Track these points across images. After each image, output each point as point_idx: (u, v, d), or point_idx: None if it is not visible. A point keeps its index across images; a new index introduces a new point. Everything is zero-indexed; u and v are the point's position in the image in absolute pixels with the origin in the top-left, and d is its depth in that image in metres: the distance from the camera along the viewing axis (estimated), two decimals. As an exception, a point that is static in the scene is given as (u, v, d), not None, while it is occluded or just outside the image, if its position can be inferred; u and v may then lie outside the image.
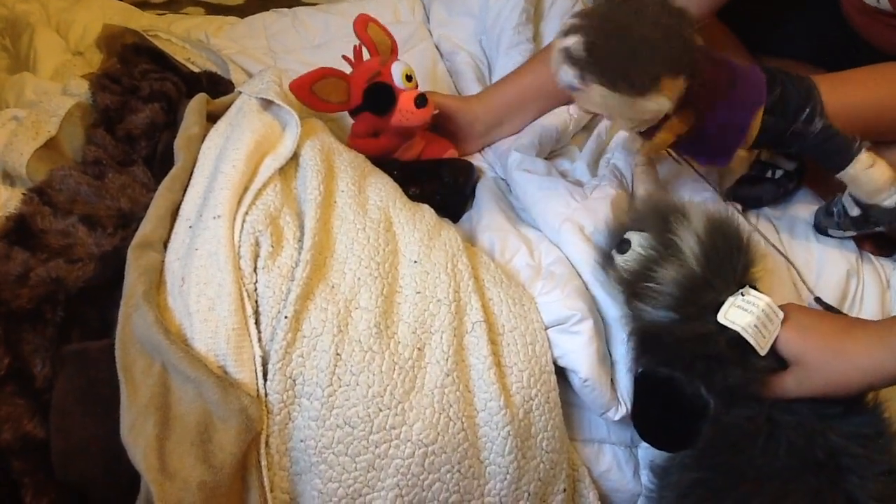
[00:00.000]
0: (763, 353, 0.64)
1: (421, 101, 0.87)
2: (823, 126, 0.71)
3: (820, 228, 0.84)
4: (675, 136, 0.72)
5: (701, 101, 0.70)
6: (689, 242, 0.65)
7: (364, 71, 0.88)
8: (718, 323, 0.64)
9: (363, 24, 0.90)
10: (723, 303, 0.64)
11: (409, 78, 0.89)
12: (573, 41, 0.67)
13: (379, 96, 0.88)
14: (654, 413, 0.68)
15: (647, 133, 0.73)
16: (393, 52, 0.93)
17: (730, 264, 0.66)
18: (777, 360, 0.66)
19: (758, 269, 0.69)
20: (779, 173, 0.85)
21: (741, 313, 0.63)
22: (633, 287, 0.67)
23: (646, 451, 0.75)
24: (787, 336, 0.65)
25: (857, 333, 0.64)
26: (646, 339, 0.68)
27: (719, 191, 0.86)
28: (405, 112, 0.87)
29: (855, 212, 0.77)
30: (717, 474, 0.65)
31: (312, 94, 0.84)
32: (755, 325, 0.63)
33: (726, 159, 0.75)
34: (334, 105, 0.87)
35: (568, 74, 0.68)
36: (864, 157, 0.71)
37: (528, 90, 0.95)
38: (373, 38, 0.90)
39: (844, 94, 0.74)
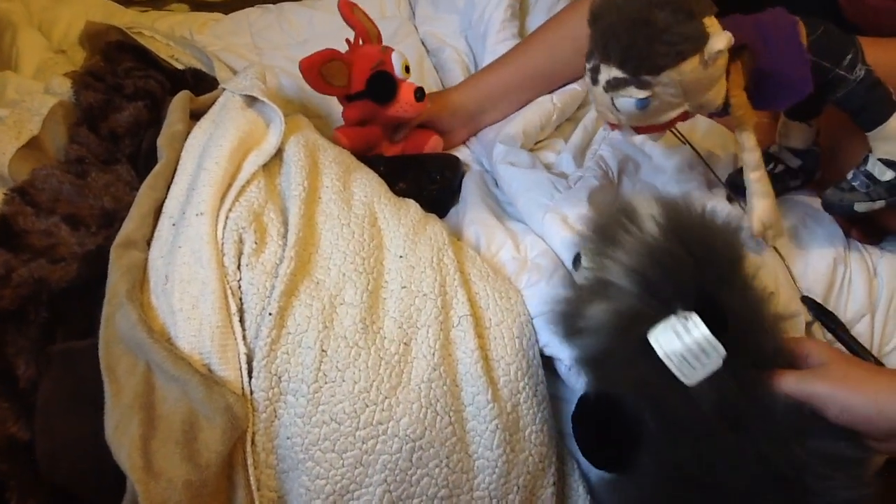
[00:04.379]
0: (689, 383, 0.58)
1: (420, 94, 0.88)
2: (867, 72, 0.70)
3: (840, 207, 0.77)
4: (745, 90, 0.70)
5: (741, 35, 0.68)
6: (620, 267, 0.60)
7: (366, 57, 0.88)
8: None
9: (348, 7, 0.90)
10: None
11: (406, 69, 0.89)
12: (606, 74, 0.64)
13: (382, 85, 0.88)
14: (594, 434, 0.64)
15: (722, 111, 0.71)
16: (378, 38, 0.93)
17: (682, 280, 0.59)
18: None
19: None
20: (779, 168, 0.85)
21: (672, 338, 0.57)
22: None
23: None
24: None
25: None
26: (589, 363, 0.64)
27: (717, 177, 0.86)
28: (405, 104, 0.88)
29: (888, 175, 0.73)
30: (682, 472, 0.60)
31: (320, 76, 0.84)
32: (681, 355, 0.57)
33: (806, 82, 0.70)
34: (336, 89, 0.87)
35: (629, 102, 0.64)
36: None
37: (511, 79, 0.95)
38: (362, 22, 0.90)
39: (874, 53, 0.73)
